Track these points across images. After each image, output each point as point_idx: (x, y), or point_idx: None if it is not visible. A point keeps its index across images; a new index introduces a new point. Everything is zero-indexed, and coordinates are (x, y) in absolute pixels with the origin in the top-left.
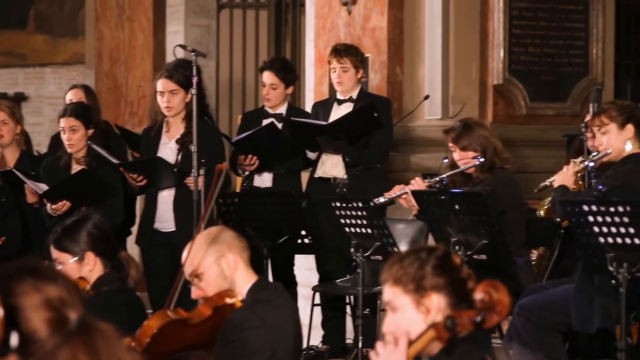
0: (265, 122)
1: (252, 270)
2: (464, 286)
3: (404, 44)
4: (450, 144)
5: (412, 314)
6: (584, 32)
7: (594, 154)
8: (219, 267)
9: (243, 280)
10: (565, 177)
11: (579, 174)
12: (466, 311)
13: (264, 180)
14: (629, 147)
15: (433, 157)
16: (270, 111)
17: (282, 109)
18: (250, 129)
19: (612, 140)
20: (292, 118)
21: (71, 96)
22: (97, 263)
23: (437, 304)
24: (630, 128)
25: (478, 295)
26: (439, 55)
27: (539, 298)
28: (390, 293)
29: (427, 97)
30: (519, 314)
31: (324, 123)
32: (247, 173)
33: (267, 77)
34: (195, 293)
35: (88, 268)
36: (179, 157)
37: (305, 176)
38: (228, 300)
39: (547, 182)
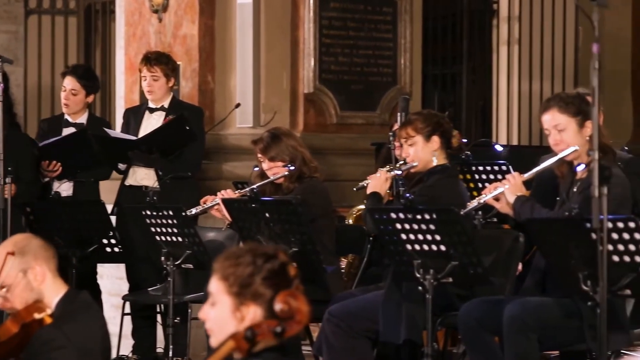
0: (66, 130)
1: (60, 280)
2: None
3: (215, 52)
4: (259, 155)
5: (227, 316)
6: (392, 43)
7: (401, 162)
8: (25, 278)
9: (51, 292)
10: (377, 182)
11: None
12: (266, 321)
13: (63, 188)
14: (435, 159)
15: (245, 165)
16: (71, 120)
17: (83, 119)
18: (49, 135)
19: (418, 152)
20: (103, 132)
21: None
22: None
23: (253, 315)
24: (436, 140)
25: (277, 305)
26: (250, 64)
27: (348, 305)
28: (215, 286)
29: (238, 105)
30: (328, 321)
31: (135, 138)
32: (47, 179)
33: (69, 82)
34: (2, 304)
35: None
36: None
37: (109, 184)
38: (36, 316)
39: (363, 183)
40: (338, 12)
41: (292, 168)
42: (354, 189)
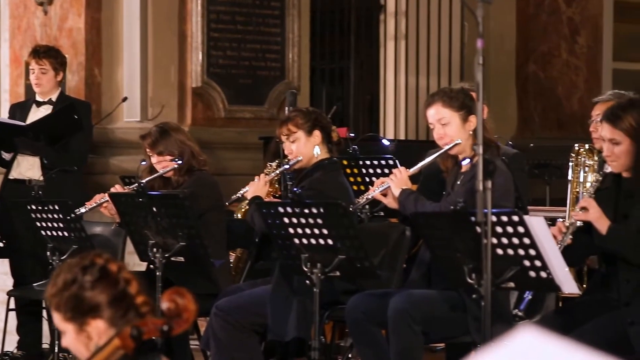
0: None
1: None
2: (124, 297)
3: (102, 45)
4: (148, 150)
5: (75, 341)
6: (280, 37)
7: (289, 157)
8: None
9: None
10: (257, 187)
11: (275, 178)
12: (153, 319)
13: None
14: (317, 153)
15: (132, 159)
16: None
17: None
18: None
19: (301, 148)
20: None
21: None
22: None
23: (97, 329)
24: (317, 134)
25: (164, 304)
26: (138, 58)
27: (236, 299)
28: (55, 319)
29: (125, 99)
30: (216, 315)
31: (23, 124)
32: None
33: None
34: None
35: None
36: None
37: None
38: None
39: (239, 194)
40: (226, 6)
41: (180, 162)
42: (227, 203)
